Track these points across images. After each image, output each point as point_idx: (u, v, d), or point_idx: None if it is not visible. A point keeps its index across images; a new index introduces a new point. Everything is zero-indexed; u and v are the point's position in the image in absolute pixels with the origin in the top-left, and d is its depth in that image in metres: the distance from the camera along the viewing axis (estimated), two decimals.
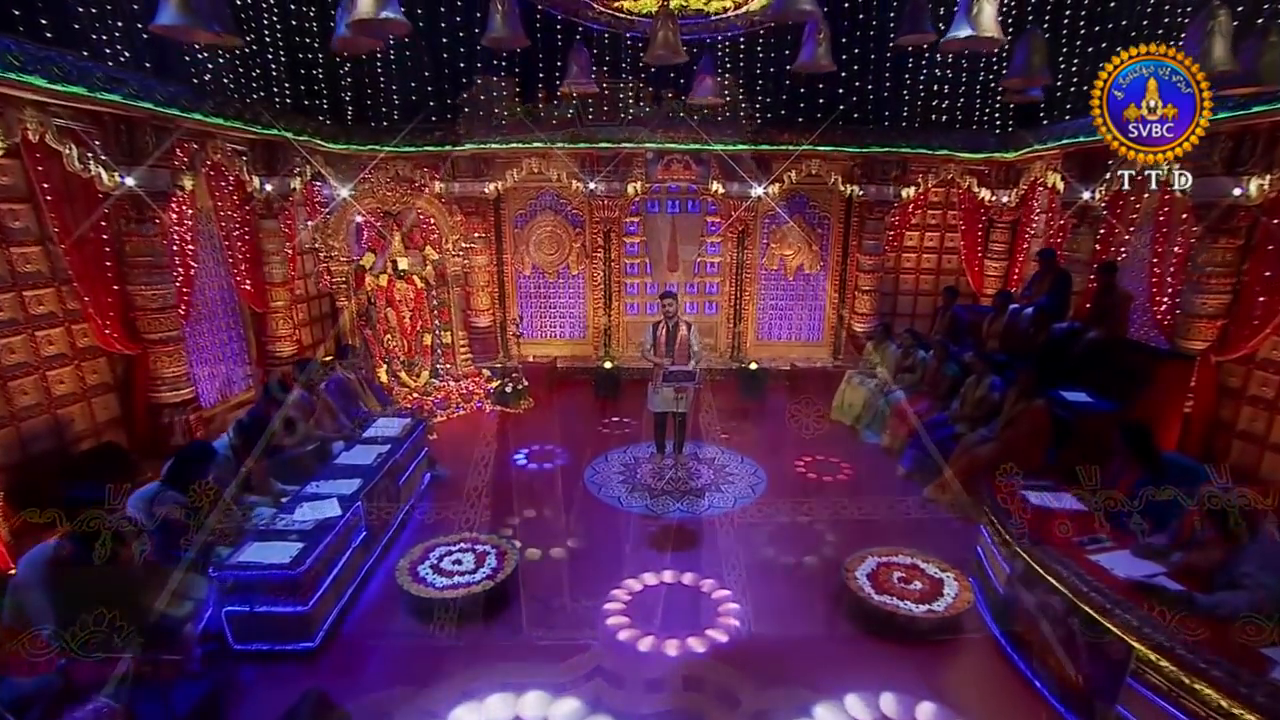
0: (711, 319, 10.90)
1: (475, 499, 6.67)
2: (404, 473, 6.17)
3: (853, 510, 6.44)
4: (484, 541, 5.37)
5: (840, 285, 10.66)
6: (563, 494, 6.71)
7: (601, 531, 6.03)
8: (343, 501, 4.91)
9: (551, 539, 5.84)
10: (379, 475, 5.44)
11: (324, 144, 8.97)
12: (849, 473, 7.49)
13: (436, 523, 6.17)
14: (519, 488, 6.87)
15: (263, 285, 8.26)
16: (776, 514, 6.32)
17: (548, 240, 10.63)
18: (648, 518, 6.28)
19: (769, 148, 9.59)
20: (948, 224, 10.54)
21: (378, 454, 5.77)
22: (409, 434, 6.37)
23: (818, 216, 10.47)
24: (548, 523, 6.17)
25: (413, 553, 5.21)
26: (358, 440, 6.12)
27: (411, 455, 6.39)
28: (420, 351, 9.33)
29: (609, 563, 5.49)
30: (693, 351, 6.84)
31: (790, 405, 9.28)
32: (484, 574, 4.92)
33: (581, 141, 9.64)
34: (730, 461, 7.51)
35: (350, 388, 6.86)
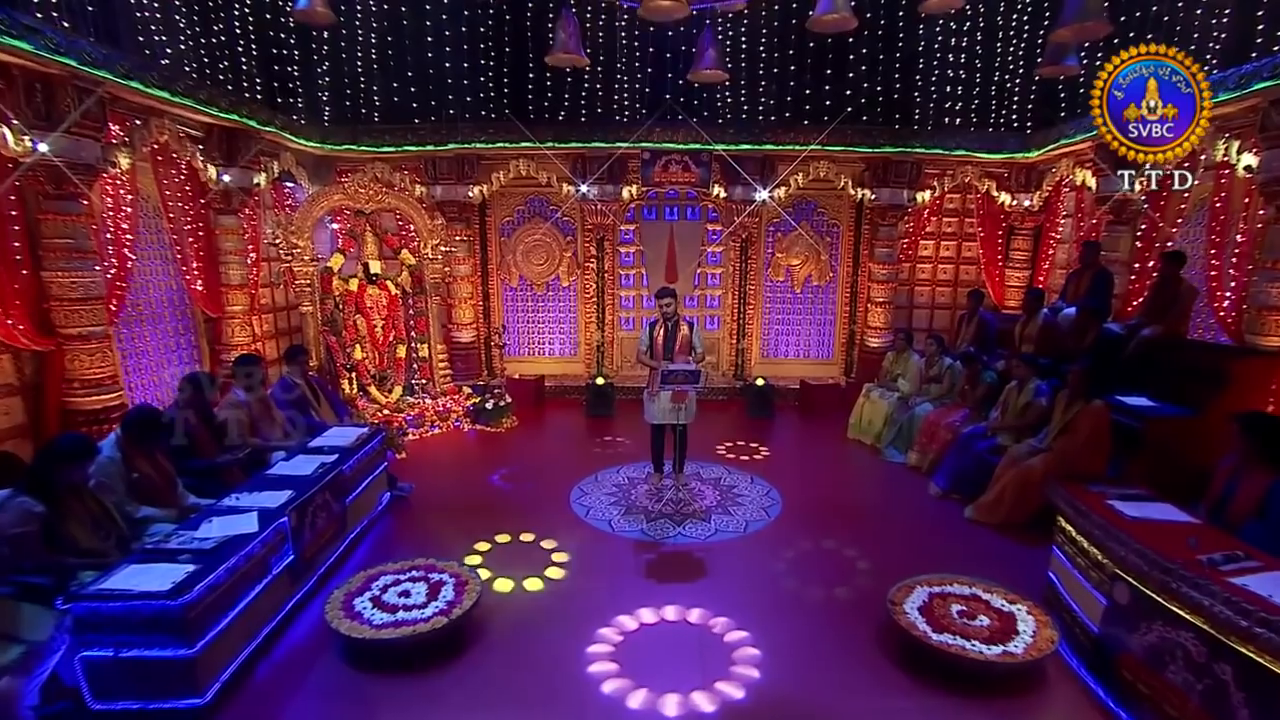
0: (713, 334, 9.97)
1: (442, 521, 5.63)
2: (355, 489, 5.15)
3: (886, 534, 5.40)
4: (441, 569, 4.32)
5: (851, 297, 9.76)
6: (544, 517, 5.68)
7: (588, 559, 4.98)
8: (263, 517, 3.88)
9: (527, 567, 4.79)
10: (316, 488, 4.41)
11: (295, 140, 8.17)
12: (875, 494, 6.49)
13: (393, 546, 5.13)
14: (494, 509, 5.84)
15: (217, 287, 7.34)
16: (797, 539, 5.28)
17: (536, 249, 9.77)
18: (644, 544, 5.23)
19: (774, 148, 8.81)
20: (965, 232, 9.71)
21: (320, 464, 4.76)
22: (363, 445, 5.36)
23: (827, 223, 9.64)
24: (524, 549, 5.12)
25: (352, 582, 4.16)
26: (300, 450, 5.11)
27: (365, 469, 5.38)
28: (393, 365, 8.36)
29: (595, 596, 4.43)
30: (695, 353, 5.92)
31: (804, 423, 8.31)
32: (436, 609, 3.86)
33: (573, 141, 8.86)
34: (738, 482, 6.48)
35: (301, 394, 5.87)
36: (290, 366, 5.96)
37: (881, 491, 6.52)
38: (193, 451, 4.60)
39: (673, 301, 5.94)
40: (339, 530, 4.79)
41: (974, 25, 8.92)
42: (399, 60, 9.20)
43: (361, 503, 5.29)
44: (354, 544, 5.09)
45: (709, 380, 9.67)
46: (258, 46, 8.48)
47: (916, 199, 8.94)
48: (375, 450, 5.59)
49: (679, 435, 6.11)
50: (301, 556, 4.17)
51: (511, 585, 4.56)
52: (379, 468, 5.67)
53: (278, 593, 3.92)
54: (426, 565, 4.36)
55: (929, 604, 3.87)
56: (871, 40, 8.88)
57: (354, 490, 5.14)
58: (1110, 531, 3.32)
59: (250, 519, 3.84)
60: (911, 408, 7.16)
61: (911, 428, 7.07)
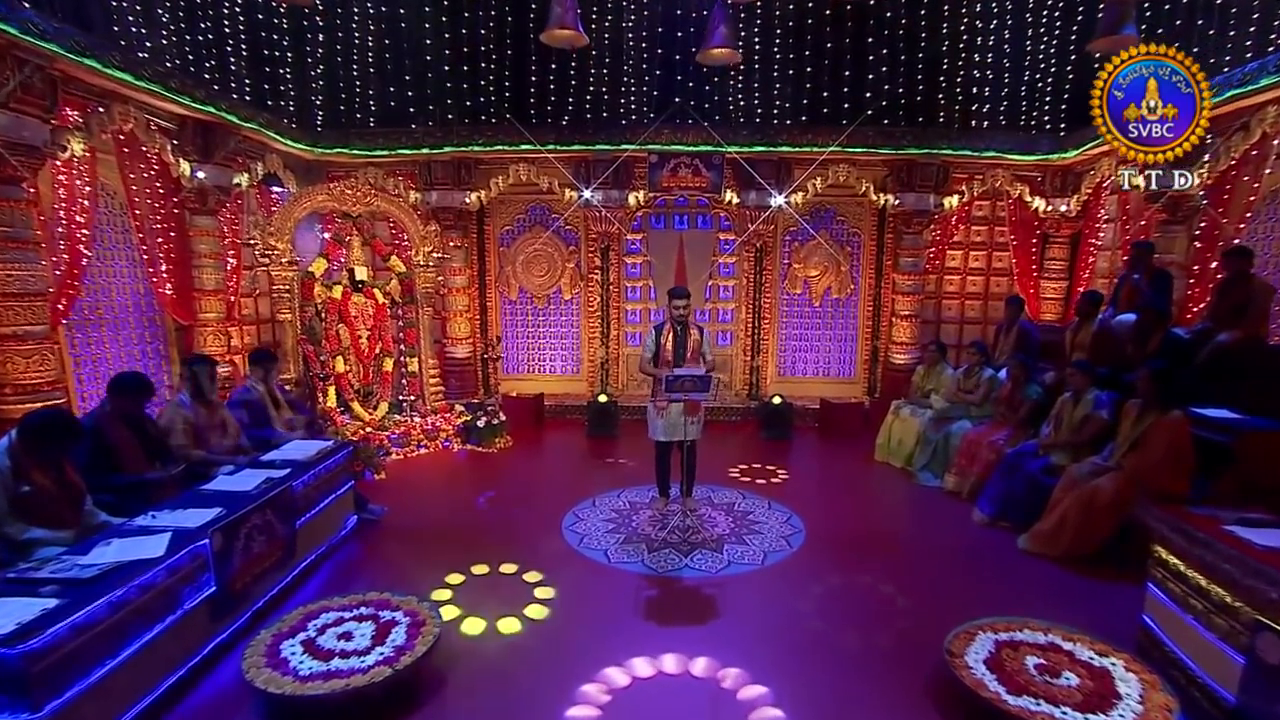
0: (725, 351, 9.22)
1: (415, 548, 4.87)
2: (309, 509, 4.41)
3: (927, 568, 4.56)
4: (396, 605, 3.55)
5: (874, 311, 9.00)
6: (531, 546, 4.91)
7: (577, 596, 4.18)
8: (177, 539, 3.16)
9: (504, 604, 4.01)
10: (253, 506, 3.68)
11: (282, 141, 7.63)
12: (911, 521, 5.66)
13: (353, 576, 4.38)
14: (475, 536, 5.07)
15: (189, 292, 6.73)
16: (824, 573, 4.45)
17: (537, 260, 9.13)
18: (644, 578, 4.43)
19: (790, 150, 8.16)
20: (996, 241, 8.96)
21: (265, 480, 4.04)
22: (322, 460, 4.65)
23: (847, 232, 8.94)
24: (503, 582, 4.34)
25: (286, 621, 3.40)
26: (250, 464, 4.40)
27: (325, 487, 4.65)
28: (379, 379, 7.68)
29: (582, 642, 3.64)
30: (706, 361, 5.21)
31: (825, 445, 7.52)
32: (381, 656, 3.09)
33: (575, 143, 8.26)
34: (755, 507, 5.68)
35: (261, 402, 5.18)
36: (253, 371, 5.29)
37: (918, 519, 5.69)
38: (116, 464, 3.90)
39: (688, 304, 5.23)
40: (285, 557, 4.04)
41: (1004, 17, 8.30)
42: (395, 61, 8.72)
43: (319, 526, 4.55)
44: (306, 573, 4.34)
45: (720, 400, 8.92)
46: (247, 47, 8.04)
47: (943, 205, 8.24)
48: (338, 467, 4.87)
49: (687, 454, 5.34)
50: (228, 588, 3.42)
51: (483, 626, 3.78)
52: (343, 487, 4.94)
53: (190, 633, 3.17)
54: (379, 601, 3.59)
55: (997, 655, 3.04)
56: (894, 35, 8.29)
57: (309, 511, 4.41)
58: (1247, 565, 2.50)
59: (159, 541, 3.11)
60: (948, 425, 6.34)
61: (948, 448, 6.25)
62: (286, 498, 4.05)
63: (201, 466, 4.33)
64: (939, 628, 3.37)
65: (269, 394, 5.34)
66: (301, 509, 4.31)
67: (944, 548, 4.95)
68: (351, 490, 5.12)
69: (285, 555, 4.05)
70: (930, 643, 3.32)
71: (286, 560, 4.07)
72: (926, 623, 3.68)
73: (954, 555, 4.81)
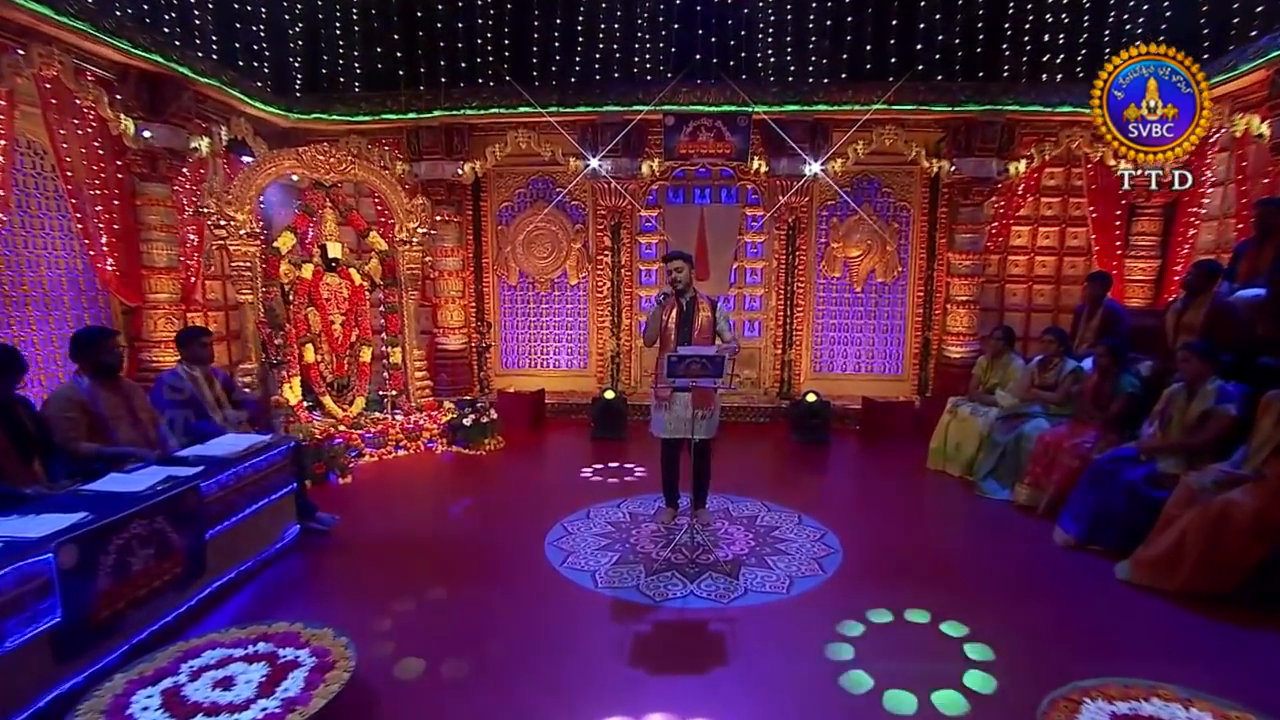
0: (752, 344, 8.45)
1: (365, 565, 4.21)
2: (229, 516, 3.77)
3: (1001, 604, 3.72)
4: (304, 641, 2.86)
5: (926, 297, 8.14)
6: (504, 564, 4.21)
7: (547, 630, 3.45)
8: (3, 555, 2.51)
9: (452, 642, 3.29)
10: (133, 512, 3.03)
11: (250, 102, 7.11)
12: (975, 542, 4.82)
13: (281, 601, 3.73)
14: (440, 552, 4.40)
15: (137, 270, 6.19)
16: (866, 606, 3.64)
17: (539, 240, 8.48)
18: (635, 608, 3.69)
19: (828, 109, 7.37)
20: (1070, 215, 8.01)
21: (162, 480, 3.40)
22: (250, 458, 4.01)
23: (894, 205, 8.10)
24: (457, 611, 3.64)
25: (156, 660, 2.73)
26: (155, 461, 3.77)
27: (253, 490, 4.00)
28: (355, 371, 7.08)
29: (546, 692, 2.91)
30: (722, 340, 4.49)
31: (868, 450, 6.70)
32: (264, 712, 2.39)
33: (581, 105, 7.59)
34: (781, 522, 4.89)
35: (194, 390, 4.56)
36: (182, 353, 4.68)
37: (984, 539, 4.83)
38: None
39: (685, 267, 4.51)
40: (186, 575, 3.39)
41: None
42: (381, 17, 8.16)
43: (243, 537, 3.90)
44: (221, 595, 3.69)
45: (747, 399, 8.14)
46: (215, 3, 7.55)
47: (1008, 171, 7.34)
48: (273, 466, 4.22)
49: (698, 456, 4.60)
50: (87, 618, 2.76)
51: (421, 668, 3.07)
52: (280, 490, 4.28)
53: (17, 681, 2.51)
54: (285, 635, 2.91)
55: None
56: None
57: (228, 518, 3.76)
58: None
59: None
60: (1017, 426, 5.48)
61: (1019, 453, 5.38)
62: (189, 502, 3.40)
63: (103, 464, 3.71)
64: (1024, 688, 2.57)
65: (206, 380, 4.73)
66: (215, 516, 3.66)
67: (1019, 576, 4.10)
68: (293, 495, 4.47)
69: (187, 573, 3.40)
70: (1018, 709, 2.51)
71: (189, 579, 3.41)
72: (1009, 679, 2.87)
73: (1033, 586, 3.96)
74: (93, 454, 3.70)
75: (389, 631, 3.38)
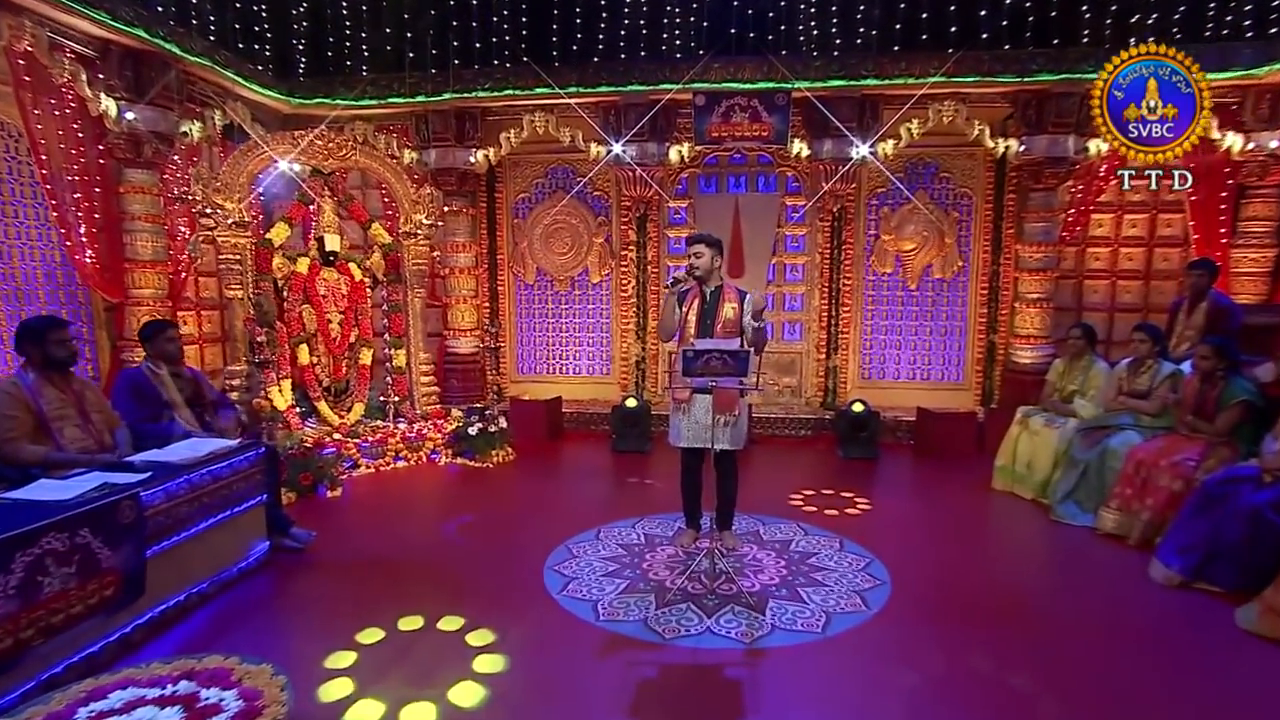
0: (793, 348, 8.00)
1: (337, 588, 3.91)
2: (178, 531, 3.48)
3: (1089, 652, 3.20)
4: (236, 678, 2.52)
5: (991, 295, 7.59)
6: (495, 590, 3.86)
7: (534, 670, 3.07)
8: None
9: (422, 679, 2.93)
10: (45, 525, 2.74)
11: (247, 85, 6.99)
12: (1052, 576, 4.29)
13: (236, 627, 3.43)
14: (426, 575, 4.07)
15: (119, 263, 6.07)
16: (918, 650, 3.17)
17: (558, 234, 8.19)
18: (639, 645, 3.28)
19: (877, 84, 6.92)
20: (1162, 200, 7.35)
21: (96, 487, 3.13)
22: (215, 464, 3.74)
23: (954, 192, 7.59)
24: (436, 644, 3.27)
25: (49, 705, 2.42)
26: (100, 467, 3.52)
27: (212, 502, 3.71)
28: (355, 375, 6.84)
29: None
30: (749, 333, 4.07)
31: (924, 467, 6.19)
32: None
33: (602, 85, 7.28)
34: (820, 547, 4.43)
35: (158, 389, 4.32)
36: (149, 350, 4.45)
37: (1061, 573, 4.29)
38: None
39: (707, 253, 4.14)
40: (120, 597, 3.09)
41: None
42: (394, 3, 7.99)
43: (197, 555, 3.61)
44: (167, 621, 3.40)
45: (786, 409, 7.68)
46: None
47: (1087, 150, 6.76)
48: (239, 475, 3.93)
49: (722, 470, 4.21)
50: None
51: (380, 713, 2.71)
52: (246, 502, 4.00)
53: None
54: (213, 671, 2.58)
55: None
56: None
57: (176, 534, 3.47)
58: None
59: None
60: (1102, 440, 4.91)
61: (1103, 472, 4.82)
62: (125, 514, 3.11)
63: (43, 470, 3.47)
64: None
65: (174, 380, 4.49)
66: (162, 530, 3.37)
67: (1108, 620, 3.56)
68: (263, 507, 4.18)
69: (121, 596, 3.10)
70: None
71: (123, 603, 3.12)
72: None
73: (1127, 633, 3.43)
74: (38, 459, 3.46)
75: (349, 668, 3.04)
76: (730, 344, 3.75)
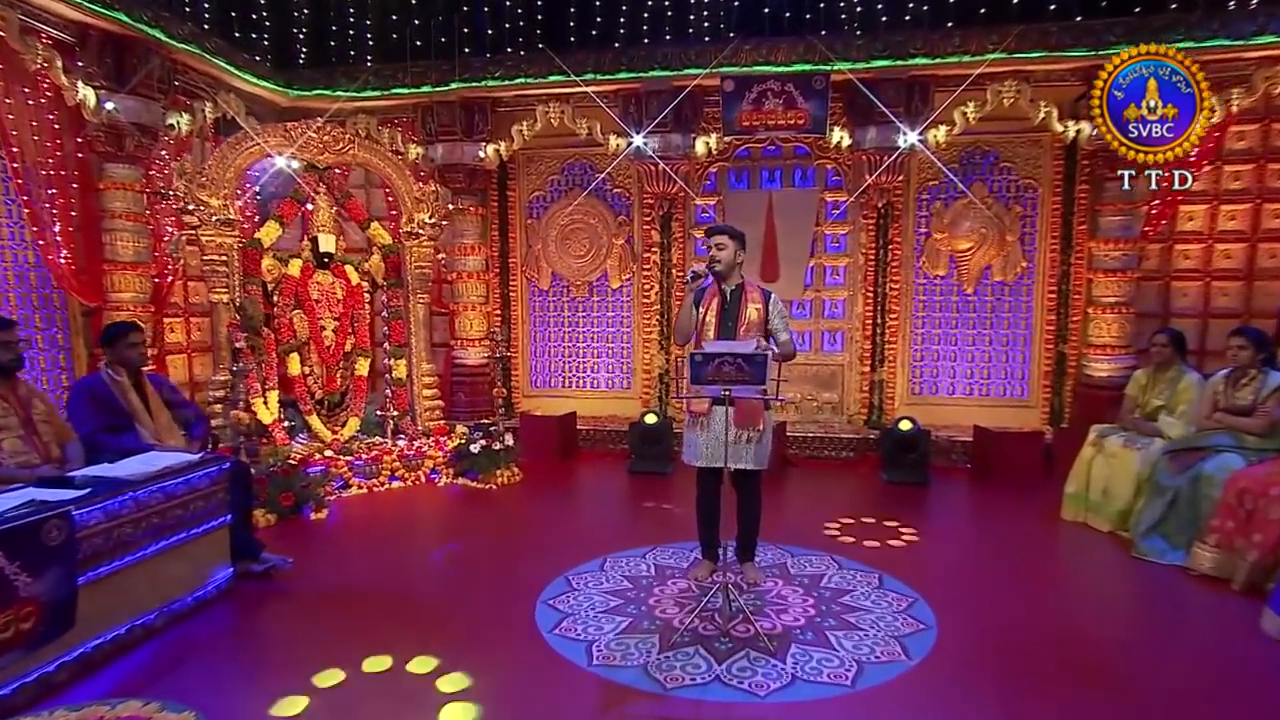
0: (834, 359, 7.67)
1: (303, 621, 3.73)
2: (118, 556, 3.30)
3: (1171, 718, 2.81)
4: None
5: (1060, 300, 7.17)
6: (477, 627, 3.61)
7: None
8: None
9: None
10: None
11: (241, 75, 6.97)
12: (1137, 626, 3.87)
13: (183, 665, 3.23)
14: (402, 608, 3.85)
15: (98, 264, 6.02)
16: (967, 712, 2.82)
17: (575, 235, 8.01)
18: (636, 697, 2.98)
19: (928, 63, 6.63)
20: (1268, 187, 6.82)
21: (21, 504, 2.96)
22: (169, 480, 3.57)
23: (1016, 183, 7.21)
24: (399, 689, 3.03)
25: None
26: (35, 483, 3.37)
27: (163, 524, 3.53)
28: (351, 387, 6.71)
29: None
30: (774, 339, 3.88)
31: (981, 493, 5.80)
32: None
33: (621, 72, 7.10)
34: (855, 583, 4.09)
35: (118, 400, 4.19)
36: (110, 355, 4.33)
37: (1147, 621, 3.87)
38: None
39: (730, 245, 3.93)
40: (41, 632, 2.90)
41: None
42: None
43: (143, 582, 3.43)
44: (100, 659, 3.20)
45: (826, 428, 7.33)
46: None
47: None
48: (198, 493, 3.76)
49: (744, 493, 3.98)
50: None
51: None
52: (208, 524, 3.83)
53: None
54: None
55: None
56: None
57: (119, 557, 3.29)
58: None
59: None
60: (1195, 464, 4.47)
61: (1197, 501, 4.38)
62: (49, 535, 2.93)
63: None
64: None
65: (136, 389, 4.35)
66: (100, 554, 3.20)
67: (1209, 682, 3.15)
68: (226, 530, 4.00)
69: (43, 628, 2.91)
70: None
71: (45, 636, 2.93)
72: None
73: (1233, 700, 3.01)
74: None
75: (297, 717, 2.80)
76: (745, 346, 3.46)
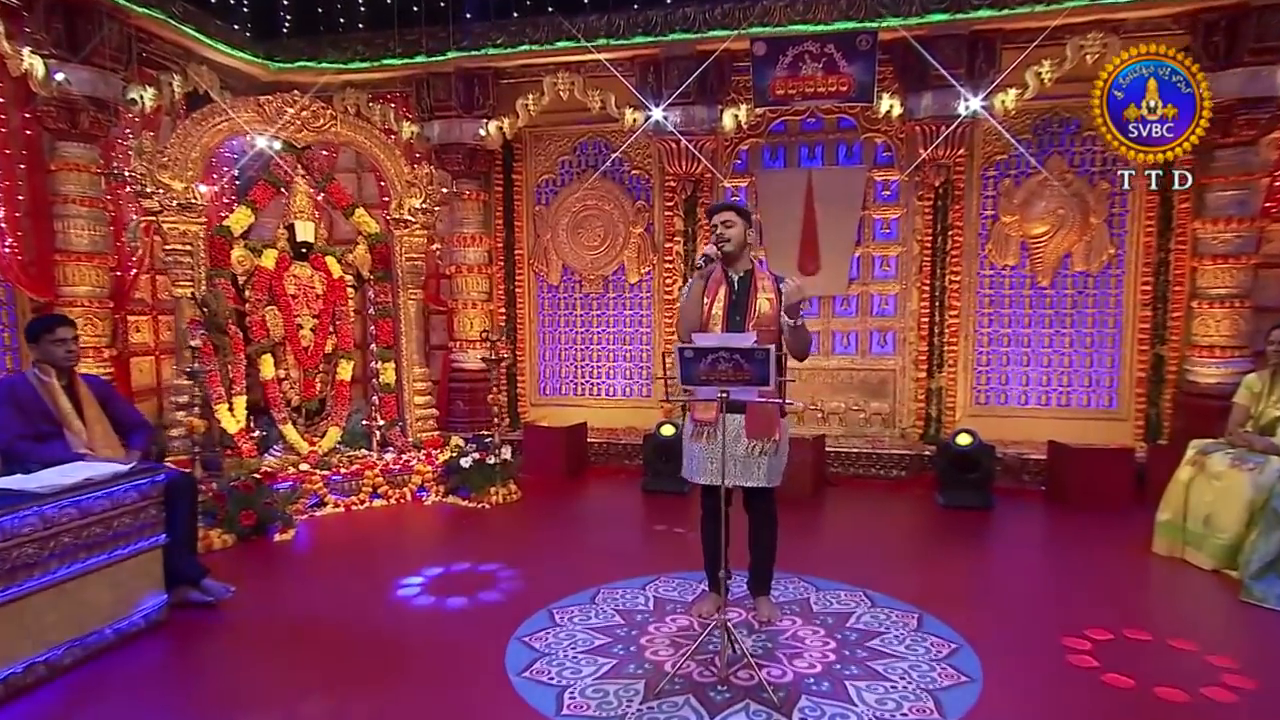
0: (884, 364, 7.37)
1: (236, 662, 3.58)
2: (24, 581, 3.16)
3: None
4: None
5: (1157, 292, 6.81)
6: (437, 670, 3.41)
7: None
8: None
9: None
10: None
11: (214, 46, 6.96)
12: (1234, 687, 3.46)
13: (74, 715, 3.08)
14: (353, 646, 3.66)
15: (49, 255, 6.03)
16: None
17: (588, 222, 7.90)
18: None
19: (993, 15, 6.33)
20: None
21: None
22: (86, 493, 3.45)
23: (1102, 155, 6.85)
24: None
25: None
26: None
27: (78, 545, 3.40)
28: (331, 392, 6.61)
29: None
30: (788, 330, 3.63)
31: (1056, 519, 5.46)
32: None
33: (636, 36, 6.92)
34: (891, 624, 3.78)
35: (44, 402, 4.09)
36: (36, 352, 4.24)
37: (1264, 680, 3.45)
38: None
39: (739, 223, 3.75)
40: None
41: None
42: None
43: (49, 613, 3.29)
44: None
45: (873, 443, 7.02)
46: None
47: None
48: (123, 509, 3.63)
49: (757, 515, 3.85)
50: None
51: None
52: (135, 544, 3.69)
53: None
54: None
55: None
56: None
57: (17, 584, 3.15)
58: None
59: None
60: None
61: None
62: None
63: None
64: None
65: (68, 391, 4.26)
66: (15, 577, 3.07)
67: None
68: (159, 551, 3.87)
69: None
70: None
71: None
72: None
73: None
74: None
75: None
76: (744, 339, 3.20)
